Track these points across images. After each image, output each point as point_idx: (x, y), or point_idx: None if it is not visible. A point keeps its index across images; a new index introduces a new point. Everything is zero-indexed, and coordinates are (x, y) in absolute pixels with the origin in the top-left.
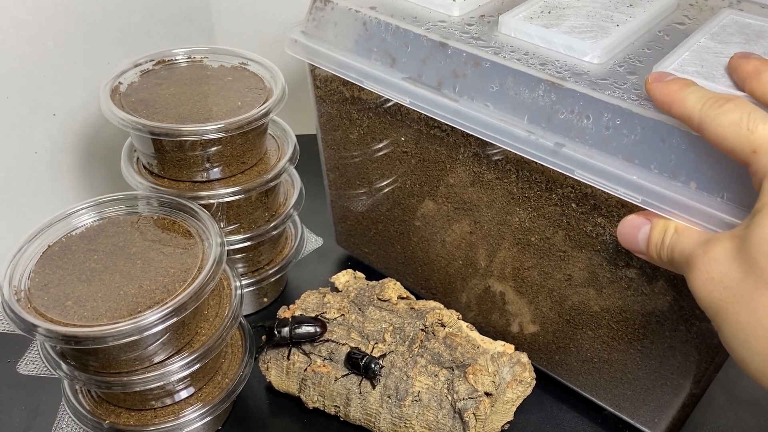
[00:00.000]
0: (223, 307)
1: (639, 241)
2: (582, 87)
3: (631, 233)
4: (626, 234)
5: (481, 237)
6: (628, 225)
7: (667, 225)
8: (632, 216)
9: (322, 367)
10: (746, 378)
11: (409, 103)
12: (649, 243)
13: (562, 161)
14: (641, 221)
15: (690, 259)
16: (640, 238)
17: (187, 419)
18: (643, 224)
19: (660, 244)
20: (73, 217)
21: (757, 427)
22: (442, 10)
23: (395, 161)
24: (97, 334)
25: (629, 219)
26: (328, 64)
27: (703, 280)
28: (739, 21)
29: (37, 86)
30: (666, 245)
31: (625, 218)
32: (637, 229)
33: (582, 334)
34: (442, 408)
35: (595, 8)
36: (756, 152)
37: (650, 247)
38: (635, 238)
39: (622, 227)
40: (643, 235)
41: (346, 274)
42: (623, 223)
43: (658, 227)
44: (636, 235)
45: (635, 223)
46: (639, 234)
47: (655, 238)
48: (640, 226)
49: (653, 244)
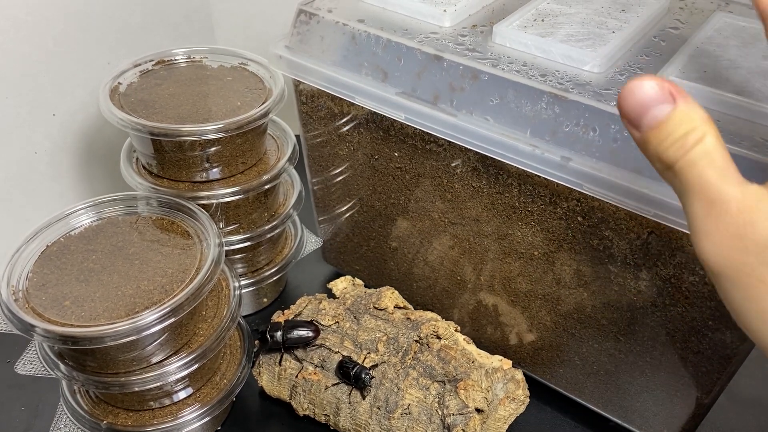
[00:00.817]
0: (221, 308)
1: (645, 117)
2: (586, 98)
3: (642, 104)
4: (635, 100)
5: (480, 252)
6: (645, 93)
7: (702, 128)
8: (655, 84)
9: (313, 375)
10: (747, 378)
11: (404, 119)
12: (659, 132)
13: (569, 175)
14: (663, 96)
15: (716, 200)
16: (651, 115)
17: (185, 420)
18: (664, 102)
19: (676, 145)
20: (71, 218)
21: (758, 427)
22: (433, 21)
23: (388, 177)
24: (95, 335)
25: (650, 86)
26: (316, 80)
27: (726, 236)
28: (732, 24)
29: (37, 86)
30: (685, 152)
31: (644, 80)
32: (653, 102)
33: (588, 347)
34: (432, 422)
35: (588, 15)
36: None
37: (656, 136)
38: (644, 112)
39: (635, 90)
40: (657, 114)
41: (344, 281)
42: (639, 86)
43: (685, 122)
44: (647, 109)
45: (655, 94)
46: (652, 111)
47: (673, 132)
48: (658, 102)
49: (664, 137)
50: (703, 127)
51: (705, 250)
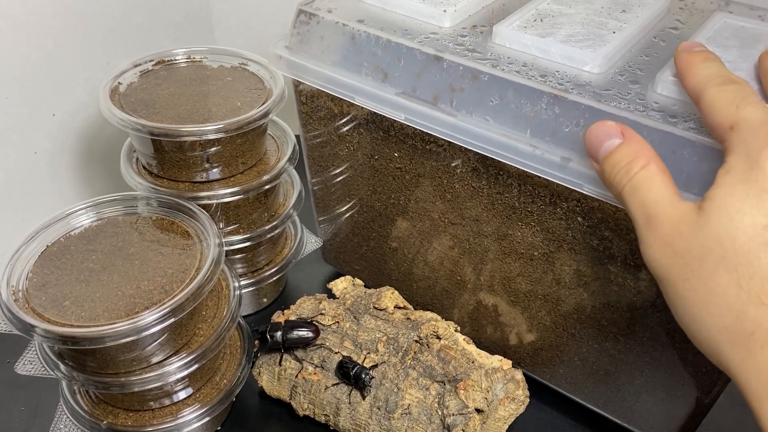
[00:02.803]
0: (221, 308)
1: (601, 151)
2: (586, 99)
3: (599, 139)
4: (593, 137)
5: (480, 253)
6: (601, 130)
7: (644, 157)
8: (609, 123)
9: (313, 375)
10: None
11: (404, 119)
12: (610, 160)
13: (569, 176)
14: (614, 132)
15: (652, 215)
16: (604, 147)
17: (185, 420)
18: (614, 137)
19: (622, 172)
20: (71, 218)
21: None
22: (433, 21)
23: (388, 177)
24: (95, 335)
25: (604, 125)
26: (316, 80)
27: (661, 245)
28: (732, 24)
29: (37, 86)
30: (630, 178)
31: (601, 122)
32: (606, 137)
33: (588, 347)
34: (432, 423)
35: (588, 15)
36: (733, 128)
37: (608, 165)
38: (599, 145)
39: (593, 129)
40: (608, 147)
41: (344, 281)
42: (597, 126)
43: (629, 150)
44: (601, 143)
45: (608, 131)
46: (606, 143)
47: (619, 160)
48: (610, 136)
49: (614, 165)
50: (646, 156)
51: (648, 256)
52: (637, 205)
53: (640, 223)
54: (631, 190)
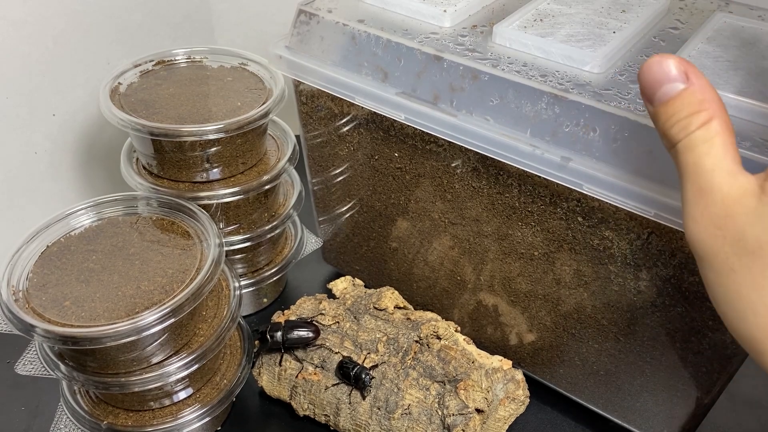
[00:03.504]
0: (221, 308)
1: (658, 94)
2: (587, 99)
3: (657, 79)
4: (650, 75)
5: (480, 253)
6: (661, 69)
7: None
8: (672, 62)
9: (314, 375)
10: (747, 378)
11: (404, 119)
12: (667, 108)
13: (569, 176)
14: (677, 74)
15: (705, 188)
16: (662, 91)
17: (185, 420)
18: (676, 80)
19: (680, 125)
20: (71, 218)
21: (758, 427)
22: (433, 21)
23: (388, 177)
24: (95, 335)
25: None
26: (316, 80)
27: (709, 225)
28: (732, 24)
29: (37, 86)
30: (687, 134)
31: (663, 58)
32: (667, 79)
33: (588, 347)
34: (432, 423)
35: (588, 15)
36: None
37: (664, 113)
38: (657, 87)
39: (651, 66)
40: (667, 91)
41: (344, 281)
42: (657, 63)
43: (692, 100)
44: (660, 84)
45: (669, 72)
46: (665, 86)
47: (678, 110)
48: (671, 79)
49: (671, 114)
50: (710, 111)
51: (691, 233)
52: (689, 167)
53: (689, 190)
54: (685, 148)
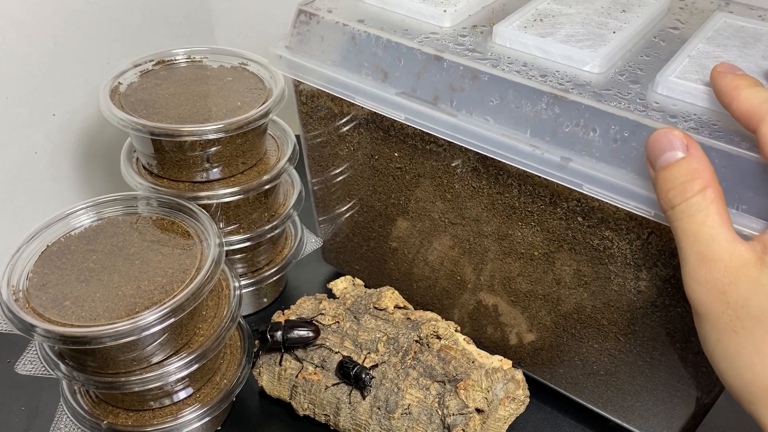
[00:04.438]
0: (221, 308)
1: (659, 160)
2: (586, 99)
3: (660, 147)
4: (655, 143)
5: (480, 253)
6: (664, 138)
7: (702, 179)
8: (675, 133)
9: (314, 375)
10: None
11: (404, 119)
12: (666, 173)
13: (569, 176)
14: (678, 144)
15: (707, 255)
16: (663, 158)
17: (185, 420)
18: (677, 149)
19: (676, 190)
20: (72, 218)
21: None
22: (433, 21)
23: (388, 177)
24: (95, 335)
25: (670, 134)
26: (316, 80)
27: (712, 288)
28: (732, 24)
29: (37, 86)
30: (684, 200)
31: (668, 129)
32: (669, 147)
33: (588, 347)
34: (432, 422)
35: (589, 15)
36: None
37: (663, 178)
38: (659, 154)
39: (657, 135)
40: (667, 158)
41: (344, 281)
42: (662, 133)
43: (688, 169)
44: (662, 152)
45: (672, 141)
46: (666, 153)
47: (676, 177)
48: (673, 147)
49: (669, 180)
50: (705, 179)
51: (694, 293)
52: (688, 235)
53: (690, 254)
54: (682, 215)
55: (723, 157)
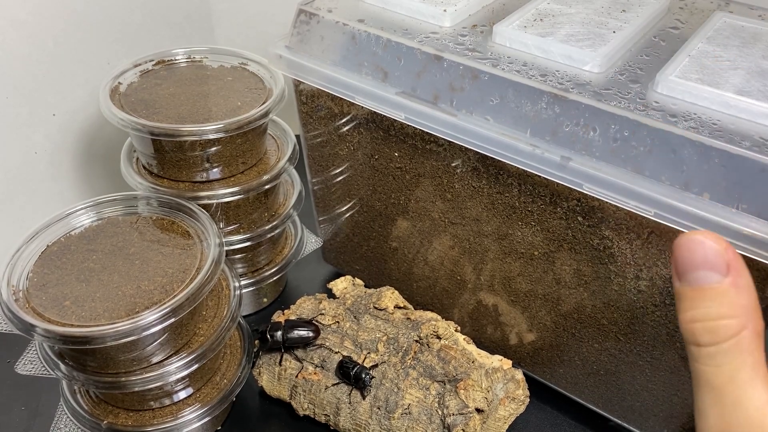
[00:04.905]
0: (221, 308)
1: (690, 277)
2: (586, 98)
3: (692, 260)
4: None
5: (480, 252)
6: (700, 249)
7: (739, 319)
8: (715, 246)
9: (314, 375)
10: None
11: (404, 119)
12: (696, 298)
13: (569, 175)
14: (718, 263)
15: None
16: (696, 276)
17: (185, 420)
18: (717, 270)
19: (705, 327)
20: (72, 218)
21: None
22: (433, 20)
23: (388, 177)
24: (95, 335)
25: (708, 243)
26: (316, 80)
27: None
28: (732, 24)
29: (37, 86)
30: (713, 342)
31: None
32: (704, 264)
33: (588, 347)
34: (432, 422)
35: (589, 15)
36: None
37: (692, 301)
38: (691, 269)
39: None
40: (702, 278)
41: (344, 281)
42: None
43: (724, 305)
44: (696, 268)
45: (710, 257)
46: (699, 271)
47: (709, 310)
48: (711, 266)
49: (697, 308)
50: (743, 318)
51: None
52: (712, 389)
53: (710, 415)
54: (709, 360)
55: (723, 156)
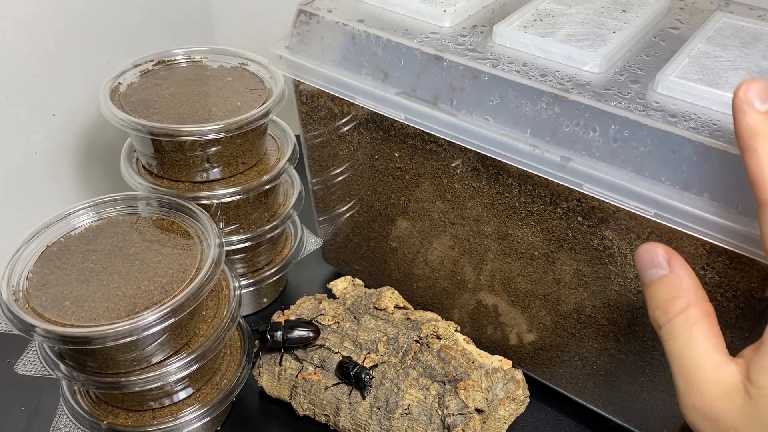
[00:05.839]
0: (221, 308)
1: (645, 277)
2: (587, 99)
3: (643, 264)
4: (640, 259)
5: (480, 252)
6: (647, 255)
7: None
8: (657, 250)
9: (314, 375)
10: None
11: (404, 119)
12: (650, 291)
13: (569, 175)
14: (659, 261)
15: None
16: (647, 275)
17: (185, 420)
18: (658, 266)
19: (660, 310)
20: (72, 218)
21: None
22: (433, 21)
23: (388, 177)
24: (95, 335)
25: (651, 250)
26: (316, 80)
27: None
28: (732, 24)
29: (36, 86)
30: (667, 320)
31: (650, 246)
32: (651, 264)
33: (588, 347)
34: (432, 423)
35: (589, 15)
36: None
37: (648, 296)
38: (644, 271)
39: (641, 250)
40: (651, 276)
41: (344, 281)
42: (645, 249)
43: (670, 288)
44: (646, 269)
45: (654, 258)
46: (649, 271)
47: (659, 296)
48: (655, 265)
49: (653, 298)
50: (687, 298)
51: (689, 418)
52: (675, 357)
53: (678, 380)
54: (668, 336)
55: (722, 157)
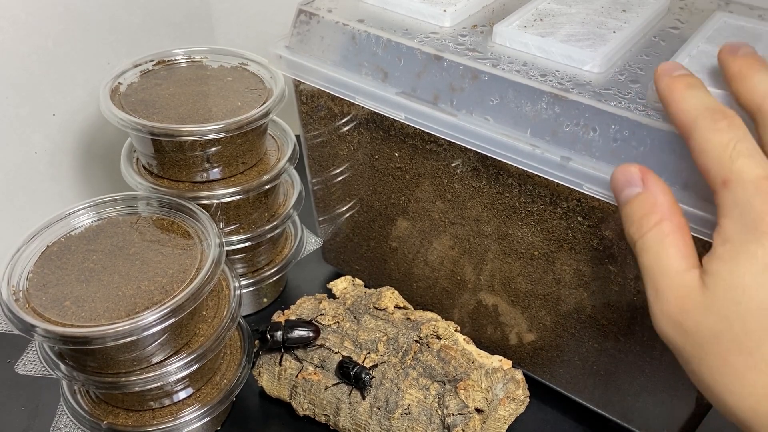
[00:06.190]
0: (221, 308)
1: (620, 197)
2: (587, 98)
3: (619, 184)
4: (615, 180)
5: (480, 252)
6: (622, 175)
7: (657, 213)
8: (632, 169)
9: (314, 375)
10: None
11: (404, 119)
12: (625, 209)
13: (569, 175)
14: (635, 179)
15: (659, 288)
16: (623, 195)
17: (185, 420)
18: (634, 185)
19: (635, 226)
20: (72, 218)
21: None
22: (433, 21)
23: (388, 177)
24: (95, 335)
25: (627, 170)
26: (316, 80)
27: (669, 322)
28: (732, 24)
29: (36, 86)
30: (641, 235)
31: (625, 166)
32: (626, 184)
33: (588, 347)
34: (432, 422)
35: (589, 15)
36: (726, 185)
37: (623, 214)
38: (619, 191)
39: (616, 171)
40: (627, 195)
41: (344, 281)
42: (620, 169)
43: (643, 204)
44: (622, 189)
45: (629, 177)
46: (626, 190)
47: (633, 212)
48: (630, 184)
49: (628, 216)
50: (660, 213)
51: (658, 329)
52: (646, 268)
53: (649, 290)
54: (641, 250)
55: None
